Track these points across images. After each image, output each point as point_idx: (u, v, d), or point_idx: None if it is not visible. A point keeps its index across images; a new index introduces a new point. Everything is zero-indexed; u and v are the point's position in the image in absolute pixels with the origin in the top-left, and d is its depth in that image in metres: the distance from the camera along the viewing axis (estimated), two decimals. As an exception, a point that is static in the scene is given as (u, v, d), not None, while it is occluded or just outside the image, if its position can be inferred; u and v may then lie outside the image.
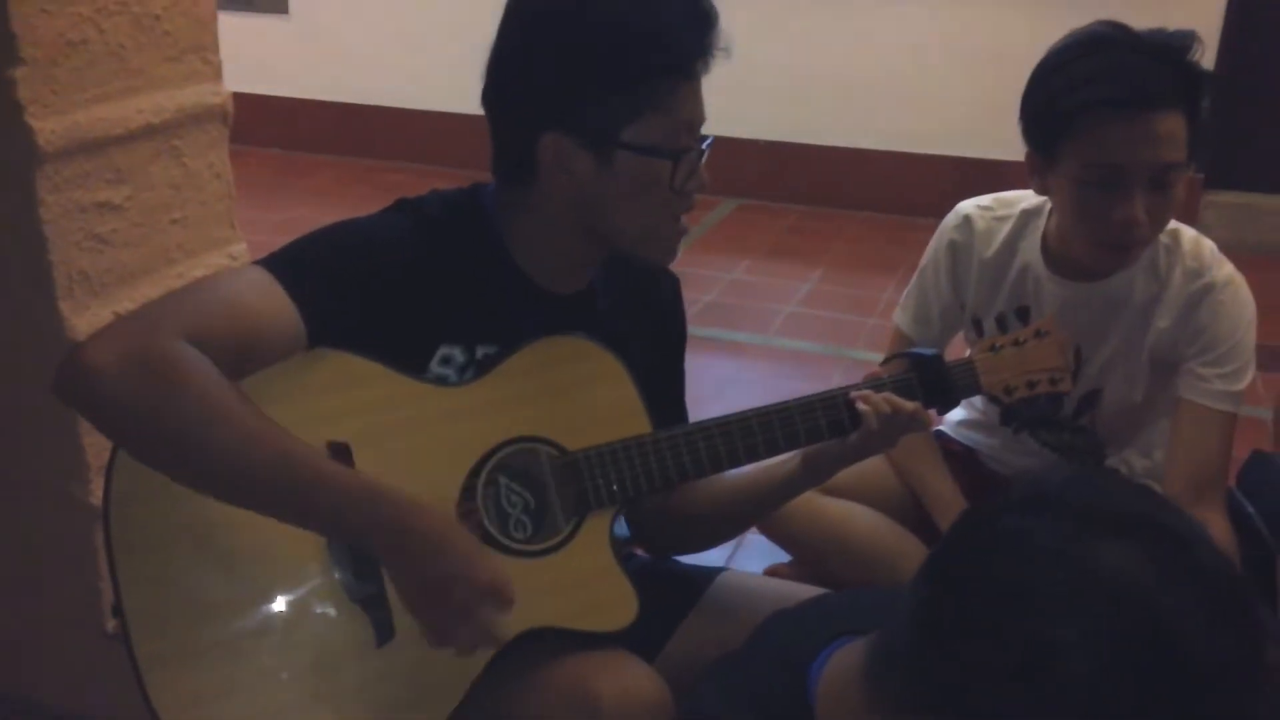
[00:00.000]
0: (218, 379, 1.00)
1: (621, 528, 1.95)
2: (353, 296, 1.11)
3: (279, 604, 1.10)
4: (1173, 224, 1.57)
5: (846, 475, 1.76)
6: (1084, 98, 1.40)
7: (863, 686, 0.82)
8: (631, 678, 1.17)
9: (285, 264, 1.10)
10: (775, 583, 1.66)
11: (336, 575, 1.12)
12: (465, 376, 1.20)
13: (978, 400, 1.87)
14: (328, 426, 1.11)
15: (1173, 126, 1.41)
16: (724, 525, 1.43)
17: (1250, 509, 1.70)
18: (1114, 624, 0.67)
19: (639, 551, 1.62)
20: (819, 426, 1.27)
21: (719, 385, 2.59)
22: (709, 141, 1.21)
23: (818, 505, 1.78)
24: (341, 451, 1.11)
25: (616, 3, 1.12)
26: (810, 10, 4.08)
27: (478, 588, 1.02)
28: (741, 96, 4.35)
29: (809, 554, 1.84)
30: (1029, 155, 1.52)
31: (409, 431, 1.14)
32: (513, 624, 1.15)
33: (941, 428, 1.95)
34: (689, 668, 1.23)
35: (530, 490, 1.21)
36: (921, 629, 0.76)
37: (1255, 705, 0.70)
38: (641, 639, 1.36)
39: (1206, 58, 4.14)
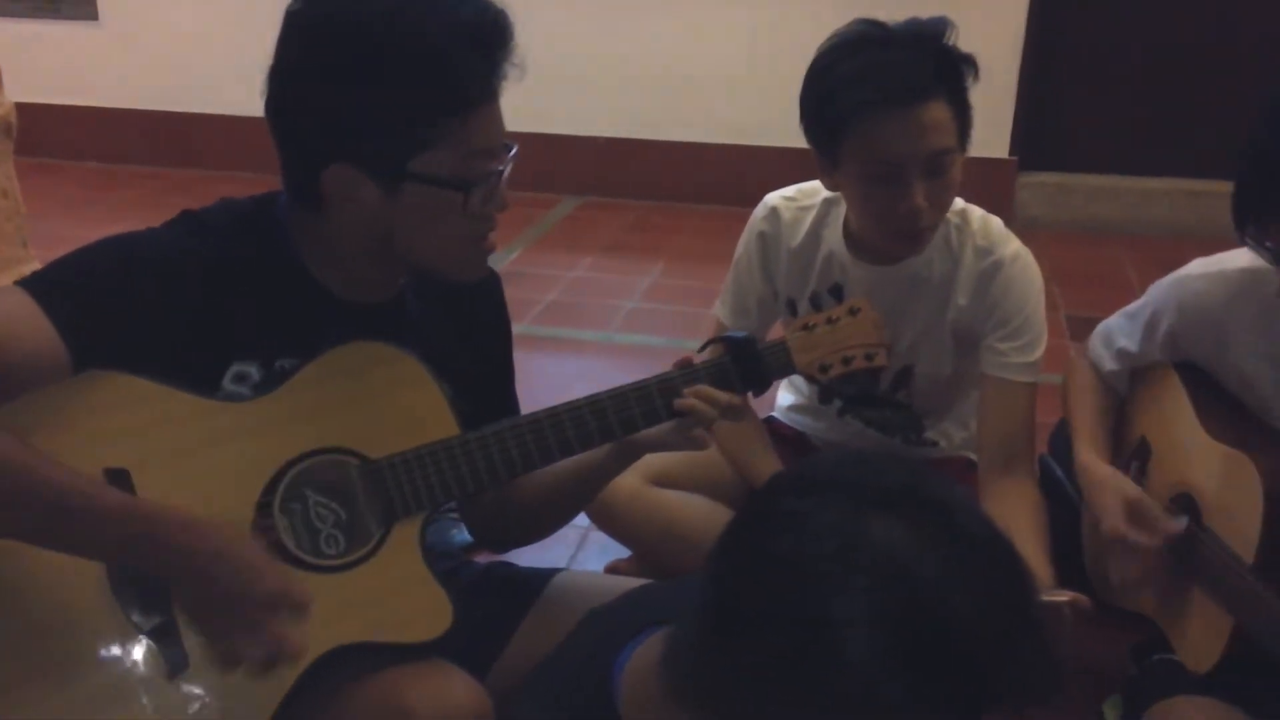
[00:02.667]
0: None
1: (463, 535, 1.93)
2: (121, 315, 1.06)
3: (61, 642, 1.04)
4: (961, 204, 1.64)
5: (680, 466, 1.79)
6: (850, 100, 1.45)
7: (661, 677, 0.82)
8: (447, 687, 1.15)
9: (46, 283, 1.04)
10: (612, 579, 1.66)
11: (121, 608, 1.06)
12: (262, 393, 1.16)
13: (803, 384, 1.91)
14: (105, 450, 1.05)
15: (939, 114, 1.46)
16: (550, 513, 1.41)
17: (1059, 473, 1.78)
18: (882, 596, 0.68)
19: (475, 559, 1.60)
20: (633, 417, 1.26)
21: (562, 384, 2.57)
22: (513, 152, 1.19)
23: (653, 498, 1.79)
24: (120, 477, 1.05)
25: (401, 34, 1.08)
26: (645, 6, 4.11)
27: (266, 600, 0.99)
28: (578, 93, 4.35)
29: (647, 547, 1.85)
30: (815, 156, 1.56)
31: (195, 451, 1.09)
32: (321, 640, 1.12)
33: (773, 414, 1.99)
34: (527, 672, 1.21)
35: (340, 503, 1.18)
36: (707, 617, 0.77)
37: (1024, 666, 0.73)
38: (478, 647, 1.35)
39: (1014, 43, 4.30)
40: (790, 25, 3.96)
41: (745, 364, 1.30)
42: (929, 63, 1.45)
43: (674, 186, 4.24)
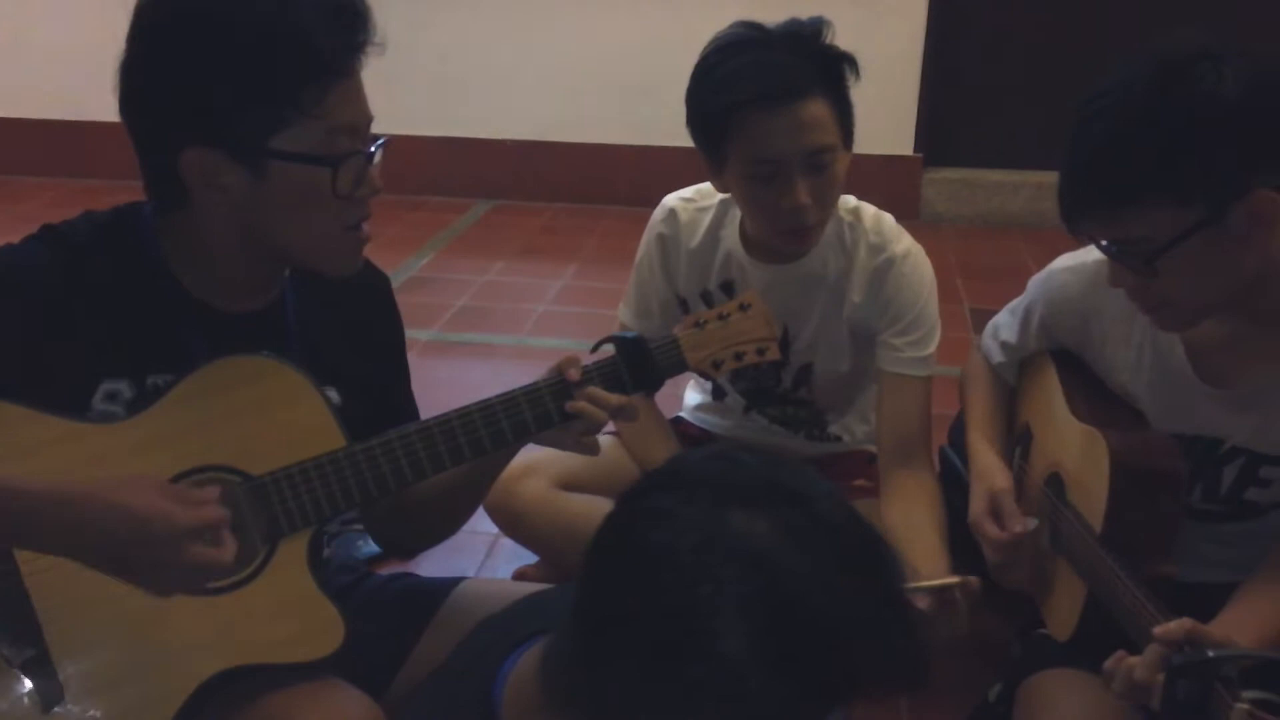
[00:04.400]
0: None
1: (370, 547, 1.90)
2: None
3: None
4: (854, 202, 1.66)
5: (586, 470, 1.78)
6: (730, 100, 1.47)
7: (539, 686, 0.82)
8: (341, 707, 1.13)
9: None
10: (516, 585, 1.65)
11: None
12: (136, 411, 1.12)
13: (708, 383, 1.92)
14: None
15: (817, 112, 1.48)
16: (446, 513, 1.39)
17: (959, 464, 1.81)
18: (747, 586, 0.70)
19: (380, 571, 1.57)
20: (524, 422, 1.25)
21: (472, 390, 2.54)
22: (381, 142, 1.17)
23: (559, 502, 1.78)
24: (-15, 506, 1.01)
25: (249, 6, 1.07)
26: (553, 10, 4.09)
27: (171, 539, 0.97)
28: (488, 97, 4.32)
29: (554, 552, 1.84)
30: (704, 158, 1.57)
31: (66, 476, 1.05)
32: (208, 664, 1.10)
33: (680, 413, 1.99)
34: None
35: None
36: (581, 618, 0.77)
37: (890, 650, 0.74)
38: (378, 661, 1.33)
39: (915, 44, 4.35)
40: (697, 26, 3.98)
41: (636, 364, 1.30)
42: (807, 61, 1.47)
43: (586, 189, 4.23)
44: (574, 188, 4.24)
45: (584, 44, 4.11)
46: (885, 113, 3.97)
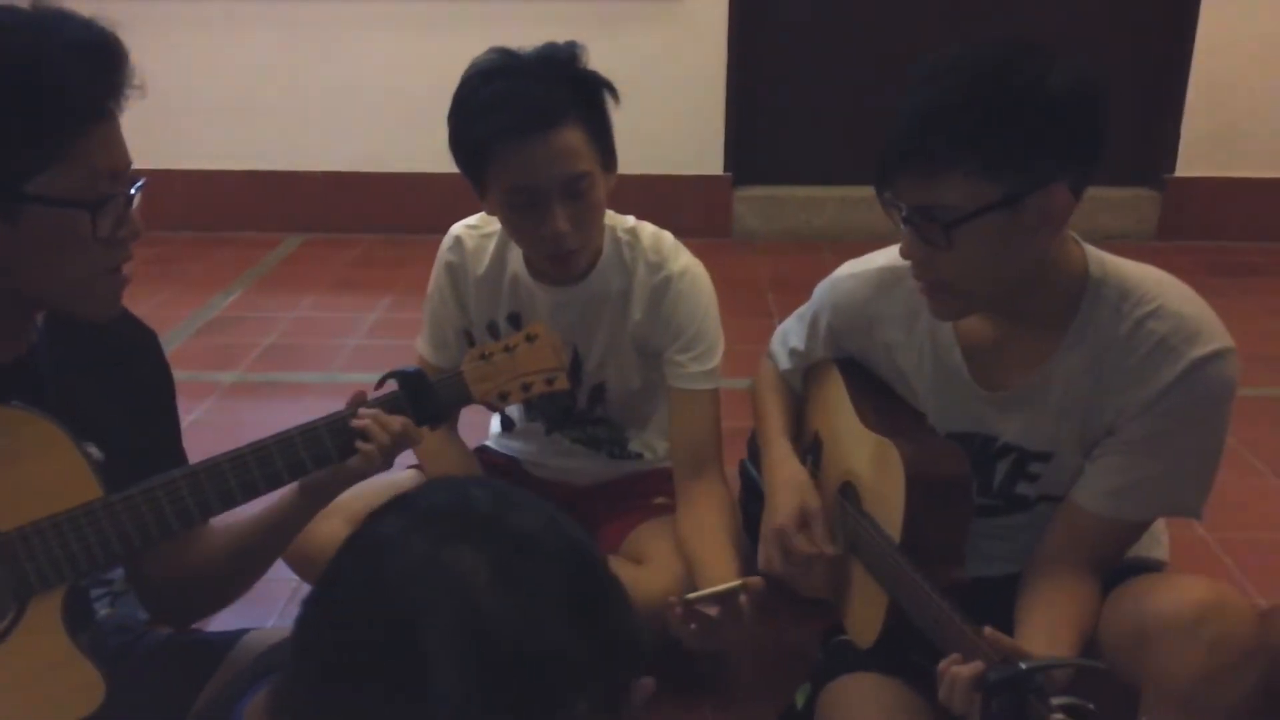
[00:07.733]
0: None
1: (135, 610, 1.80)
2: None
3: None
4: (631, 222, 1.70)
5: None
6: (483, 130, 1.48)
7: (269, 715, 0.81)
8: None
9: None
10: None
11: None
12: None
13: (513, 411, 1.92)
14: None
15: (571, 139, 1.50)
16: (239, 570, 1.34)
17: (758, 477, 1.87)
18: (452, 615, 0.70)
19: (161, 630, 1.50)
20: (300, 461, 1.23)
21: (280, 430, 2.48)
22: (140, 184, 1.14)
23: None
24: None
25: (3, 51, 1.03)
26: (358, 37, 4.04)
27: None
28: (295, 128, 4.22)
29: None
30: (470, 185, 1.58)
31: None
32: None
33: (486, 442, 1.98)
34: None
35: None
36: (300, 638, 0.76)
37: (610, 678, 0.74)
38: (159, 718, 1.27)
39: (718, 65, 4.44)
40: (506, 54, 4.00)
41: (418, 397, 1.30)
42: (561, 88, 1.49)
43: (400, 218, 4.18)
44: (387, 218, 4.19)
45: (390, 73, 4.07)
46: (694, 134, 4.07)
